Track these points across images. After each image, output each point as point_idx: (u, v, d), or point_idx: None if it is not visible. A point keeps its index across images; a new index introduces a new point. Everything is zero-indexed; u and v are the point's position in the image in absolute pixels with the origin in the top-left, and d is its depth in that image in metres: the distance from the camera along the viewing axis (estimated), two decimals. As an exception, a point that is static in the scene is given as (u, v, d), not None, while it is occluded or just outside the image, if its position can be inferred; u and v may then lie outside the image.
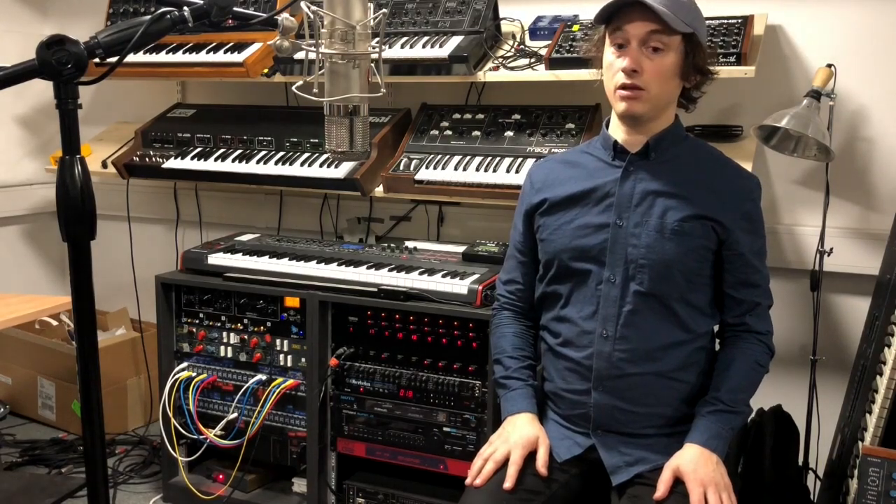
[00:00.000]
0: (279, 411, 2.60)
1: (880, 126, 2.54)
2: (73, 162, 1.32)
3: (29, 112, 3.66)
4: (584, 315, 1.83)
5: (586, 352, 1.81)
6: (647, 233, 1.78)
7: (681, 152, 1.84)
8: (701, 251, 1.79)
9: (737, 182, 1.84)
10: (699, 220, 1.77)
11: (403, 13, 2.80)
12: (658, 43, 1.72)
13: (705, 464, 1.70)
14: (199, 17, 1.41)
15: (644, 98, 1.74)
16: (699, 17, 1.79)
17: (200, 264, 2.70)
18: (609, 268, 1.80)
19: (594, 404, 1.81)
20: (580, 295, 1.84)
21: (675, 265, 1.77)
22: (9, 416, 3.39)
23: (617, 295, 1.79)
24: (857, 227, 2.58)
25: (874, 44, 2.51)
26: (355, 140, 1.46)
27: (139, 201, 3.39)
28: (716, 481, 1.68)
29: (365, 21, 1.41)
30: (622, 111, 1.77)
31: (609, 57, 1.77)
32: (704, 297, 1.83)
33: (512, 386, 1.91)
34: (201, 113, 3.21)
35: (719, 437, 1.74)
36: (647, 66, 1.72)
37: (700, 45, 1.77)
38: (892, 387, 2.00)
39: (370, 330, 2.48)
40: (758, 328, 1.85)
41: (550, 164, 1.97)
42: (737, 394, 1.79)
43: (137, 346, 3.36)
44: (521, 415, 1.86)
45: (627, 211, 1.80)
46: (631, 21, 1.72)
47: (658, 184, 1.80)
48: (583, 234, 1.82)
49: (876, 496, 1.90)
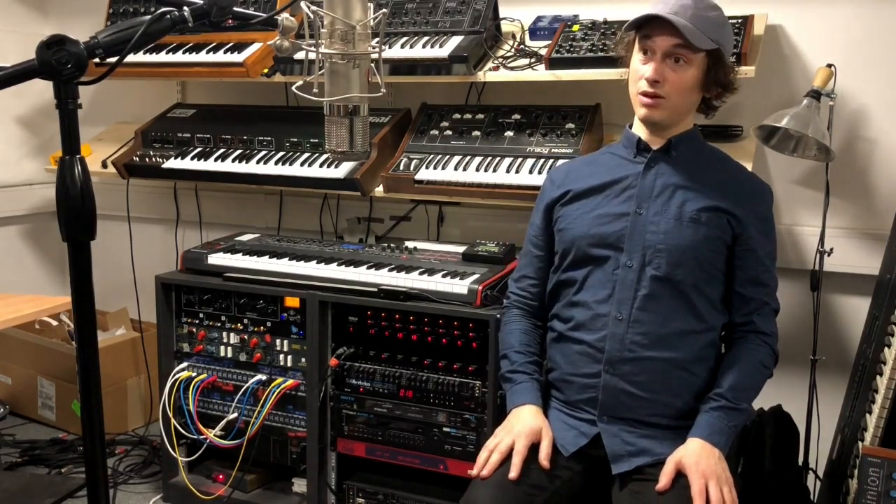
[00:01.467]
0: (279, 411, 2.60)
1: (880, 126, 2.54)
2: (73, 162, 1.32)
3: (29, 112, 3.66)
4: (598, 299, 1.87)
5: (599, 334, 1.85)
6: (666, 220, 1.85)
7: (699, 154, 1.94)
8: (716, 241, 1.85)
9: (752, 185, 1.94)
10: (716, 212, 1.85)
11: (403, 13, 2.80)
12: (681, 57, 1.80)
13: (707, 457, 1.73)
14: (199, 17, 1.42)
15: (663, 106, 1.84)
16: (725, 32, 1.87)
17: (200, 264, 2.70)
18: (627, 253, 1.86)
19: (603, 386, 1.83)
20: (595, 279, 1.89)
21: (690, 251, 1.83)
22: (9, 416, 3.38)
23: (633, 279, 1.85)
24: (857, 227, 2.58)
25: (874, 44, 2.51)
26: (355, 140, 1.46)
27: (139, 201, 3.39)
28: (717, 474, 1.71)
29: (365, 21, 1.41)
30: (642, 116, 1.88)
31: (635, 62, 1.87)
32: (717, 291, 1.89)
33: (517, 380, 1.95)
34: (201, 113, 3.21)
35: (722, 432, 1.78)
36: (669, 76, 1.81)
37: (723, 60, 1.86)
38: (892, 387, 2.01)
39: (370, 330, 2.48)
40: (764, 329, 1.89)
41: (571, 164, 2.10)
42: (740, 392, 1.82)
43: (137, 346, 3.36)
44: (525, 406, 1.89)
45: (647, 201, 1.87)
46: (658, 33, 1.80)
47: (678, 178, 1.89)
48: (602, 223, 1.89)
49: (876, 496, 1.90)
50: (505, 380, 1.99)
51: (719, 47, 1.82)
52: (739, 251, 1.88)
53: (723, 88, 1.90)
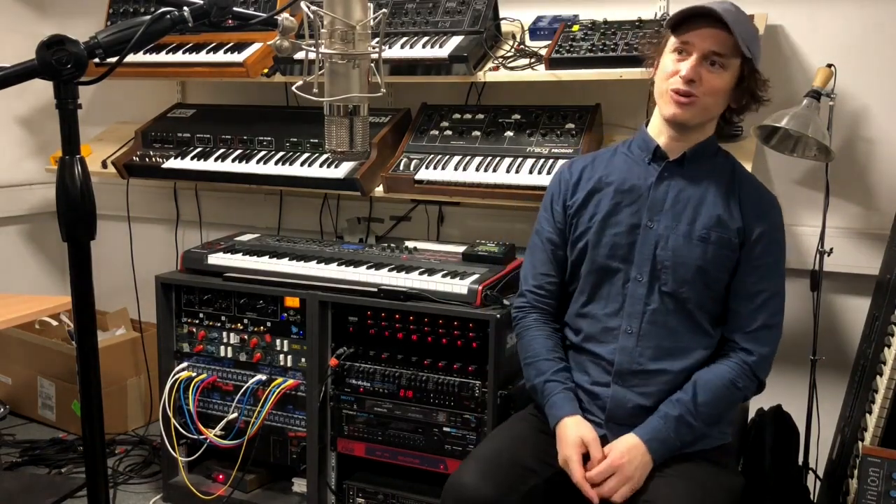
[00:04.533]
0: (279, 411, 2.60)
1: (880, 126, 2.54)
2: (73, 162, 1.32)
3: (29, 112, 3.66)
4: (608, 312, 1.88)
5: (609, 347, 1.86)
6: (675, 236, 1.84)
7: (714, 166, 1.91)
8: (724, 260, 1.84)
9: (762, 198, 1.90)
10: (725, 230, 1.84)
11: (403, 13, 2.80)
12: (717, 60, 1.78)
13: (635, 458, 1.75)
14: (199, 17, 1.41)
15: (695, 105, 1.80)
16: (759, 46, 1.85)
17: (200, 264, 2.70)
18: (636, 267, 1.85)
19: (611, 396, 1.85)
20: (605, 291, 1.89)
21: (698, 270, 1.83)
22: (9, 416, 3.39)
23: (643, 293, 1.85)
24: (857, 227, 2.58)
25: (874, 44, 2.51)
26: (355, 140, 1.46)
27: (139, 201, 3.39)
28: (629, 476, 1.73)
29: (365, 21, 1.41)
30: (670, 115, 1.83)
31: (668, 60, 1.83)
32: (722, 307, 1.88)
33: (553, 390, 1.89)
34: (201, 113, 3.21)
35: (665, 442, 1.78)
36: (705, 77, 1.79)
37: (756, 72, 1.84)
38: (892, 387, 2.01)
39: (370, 330, 2.48)
40: (747, 347, 1.85)
41: (582, 160, 2.03)
42: (701, 406, 1.79)
43: (137, 346, 3.36)
44: (567, 420, 1.84)
45: (658, 214, 1.86)
46: (699, 33, 1.77)
47: (690, 191, 1.87)
48: (613, 233, 1.88)
49: (876, 496, 1.90)
50: (536, 391, 1.93)
51: (753, 57, 1.80)
52: (739, 266, 1.86)
53: (752, 98, 1.87)
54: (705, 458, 1.82)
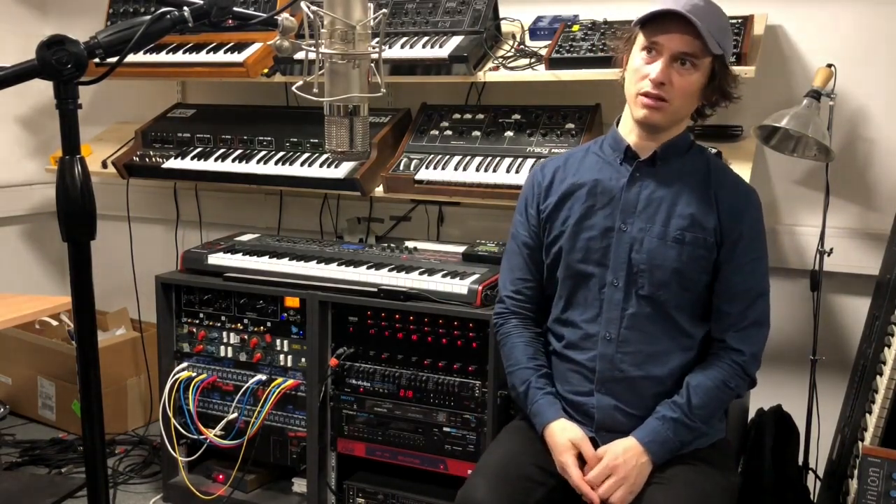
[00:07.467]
0: (279, 411, 2.60)
1: (880, 126, 2.54)
2: (73, 162, 1.32)
3: (29, 112, 3.66)
4: (586, 318, 1.85)
5: (589, 354, 1.83)
6: (650, 239, 1.80)
7: (686, 162, 1.86)
8: (701, 261, 1.80)
9: (738, 195, 1.85)
10: (700, 230, 1.79)
11: (403, 13, 2.80)
12: (688, 60, 1.73)
13: (632, 458, 1.74)
14: (199, 17, 1.41)
15: (665, 109, 1.76)
16: (729, 38, 1.81)
17: (200, 264, 2.70)
18: (612, 272, 1.82)
19: (597, 406, 1.83)
20: (581, 297, 1.86)
21: (674, 272, 1.79)
22: (9, 416, 3.39)
23: (620, 298, 1.81)
24: (857, 227, 2.58)
25: (874, 44, 2.51)
26: (355, 140, 1.46)
27: (139, 201, 3.39)
28: (627, 476, 1.73)
29: (365, 21, 1.41)
30: (641, 117, 1.79)
31: (637, 61, 1.78)
32: (701, 307, 1.84)
33: (534, 397, 1.88)
34: (201, 113, 3.20)
35: (664, 443, 1.77)
36: (675, 80, 1.74)
37: (727, 68, 1.80)
38: (892, 387, 2.01)
39: (370, 330, 2.48)
40: (738, 347, 1.82)
41: (554, 162, 1.98)
42: (696, 409, 1.78)
43: (137, 346, 3.36)
44: (552, 424, 1.84)
45: (631, 216, 1.82)
46: (668, 33, 1.72)
47: (663, 192, 1.82)
48: (587, 237, 1.84)
49: (876, 496, 1.90)
50: (518, 398, 1.93)
51: (724, 52, 1.76)
52: (720, 265, 1.81)
53: (722, 96, 1.83)
54: (702, 459, 1.81)
